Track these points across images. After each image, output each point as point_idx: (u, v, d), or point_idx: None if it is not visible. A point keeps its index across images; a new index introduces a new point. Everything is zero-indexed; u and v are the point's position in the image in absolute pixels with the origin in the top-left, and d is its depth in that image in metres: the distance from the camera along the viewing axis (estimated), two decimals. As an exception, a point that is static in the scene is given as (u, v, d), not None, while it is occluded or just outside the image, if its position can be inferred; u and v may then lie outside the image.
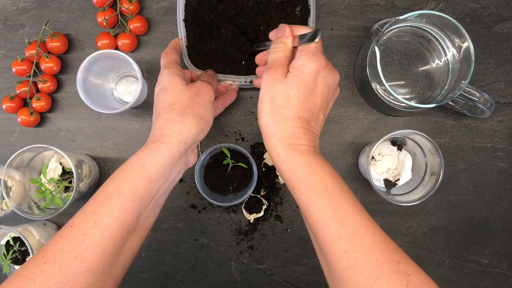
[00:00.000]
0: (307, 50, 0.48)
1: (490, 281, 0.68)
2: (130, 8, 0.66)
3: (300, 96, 0.46)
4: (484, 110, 0.60)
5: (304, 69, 0.47)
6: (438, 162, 0.59)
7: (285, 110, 0.46)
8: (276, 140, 0.46)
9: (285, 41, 0.50)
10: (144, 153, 0.48)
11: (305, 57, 0.47)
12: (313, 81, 0.47)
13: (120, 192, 0.45)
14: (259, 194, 0.67)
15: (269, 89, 0.47)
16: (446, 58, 0.63)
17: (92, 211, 0.44)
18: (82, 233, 0.42)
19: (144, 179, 0.46)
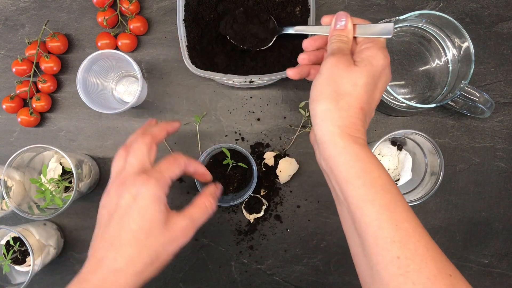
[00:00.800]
0: (376, 43, 0.47)
1: (490, 281, 0.68)
2: (130, 8, 0.66)
3: (367, 86, 0.44)
4: (484, 110, 0.60)
5: (373, 60, 0.45)
6: (438, 162, 0.59)
7: (349, 97, 0.43)
8: (335, 127, 0.43)
9: (347, 34, 0.48)
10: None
11: (374, 49, 0.45)
12: (379, 75, 0.45)
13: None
14: (259, 194, 0.67)
15: (333, 73, 0.44)
16: (446, 58, 0.63)
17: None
18: None
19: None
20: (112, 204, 0.45)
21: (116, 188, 0.46)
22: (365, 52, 0.46)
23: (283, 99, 0.68)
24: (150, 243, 0.44)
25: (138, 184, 0.44)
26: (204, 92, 0.68)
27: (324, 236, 0.68)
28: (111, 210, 0.45)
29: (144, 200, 0.44)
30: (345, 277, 0.68)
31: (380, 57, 0.45)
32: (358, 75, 0.44)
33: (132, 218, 0.43)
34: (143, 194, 0.44)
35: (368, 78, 0.44)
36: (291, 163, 0.66)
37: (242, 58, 0.62)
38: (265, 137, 0.68)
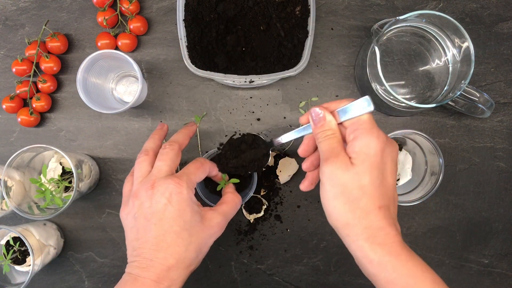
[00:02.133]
0: (362, 127, 0.43)
1: (490, 281, 0.68)
2: (130, 8, 0.66)
3: (375, 182, 0.41)
4: (484, 110, 0.60)
5: (368, 150, 0.41)
6: (438, 162, 0.59)
7: (362, 202, 0.41)
8: (363, 241, 0.40)
9: (331, 127, 0.45)
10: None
11: (363, 136, 0.42)
12: (381, 161, 0.42)
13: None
14: (259, 194, 0.67)
15: (336, 183, 0.42)
16: (446, 58, 0.63)
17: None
18: None
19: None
20: (145, 208, 0.47)
21: (145, 191, 0.47)
22: (357, 144, 0.42)
23: (283, 99, 0.68)
24: (193, 240, 0.47)
25: (171, 187, 0.47)
26: (204, 92, 0.68)
27: (324, 236, 0.68)
28: (147, 215, 0.47)
29: (180, 203, 0.47)
30: (345, 277, 0.68)
31: (374, 142, 0.42)
32: (361, 176, 0.41)
33: (173, 220, 0.46)
34: (177, 197, 0.47)
35: (372, 173, 0.41)
36: (291, 163, 0.66)
37: (242, 58, 0.62)
38: (265, 137, 0.68)
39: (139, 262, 0.46)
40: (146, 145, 0.53)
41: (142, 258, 0.46)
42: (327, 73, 0.68)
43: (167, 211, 0.46)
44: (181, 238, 0.46)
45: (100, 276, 0.68)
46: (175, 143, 0.52)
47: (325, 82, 0.68)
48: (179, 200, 0.47)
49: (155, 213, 0.46)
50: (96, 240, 0.68)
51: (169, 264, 0.45)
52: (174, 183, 0.47)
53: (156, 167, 0.49)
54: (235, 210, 0.53)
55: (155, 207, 0.46)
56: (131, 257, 0.47)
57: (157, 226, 0.46)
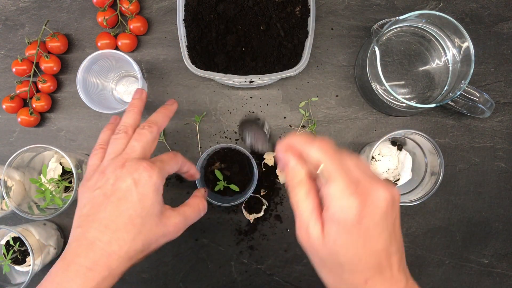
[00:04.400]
0: (332, 191, 0.35)
1: (490, 281, 0.68)
2: (130, 8, 0.66)
3: (354, 258, 0.35)
4: (484, 110, 0.60)
5: (341, 223, 0.34)
6: (438, 162, 0.59)
7: (346, 277, 0.36)
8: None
9: (295, 175, 0.38)
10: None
11: (334, 205, 0.35)
12: (358, 232, 0.34)
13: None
14: (259, 194, 0.67)
15: (314, 255, 0.38)
16: (446, 58, 0.63)
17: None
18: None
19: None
20: (108, 185, 0.43)
21: (114, 169, 0.44)
22: (327, 214, 0.35)
23: (283, 99, 0.68)
24: (145, 231, 0.43)
25: (141, 170, 0.44)
26: (204, 92, 0.68)
27: (324, 236, 0.67)
28: (107, 192, 0.43)
29: (145, 187, 0.43)
30: (345, 277, 0.67)
31: (344, 212, 0.34)
32: (337, 254, 0.35)
33: (132, 203, 0.43)
34: (145, 181, 0.43)
35: (348, 249, 0.35)
36: (291, 163, 0.66)
37: (242, 58, 0.62)
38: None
39: (79, 243, 0.42)
40: (125, 121, 0.49)
41: (84, 238, 0.42)
42: (327, 73, 0.68)
43: (129, 192, 0.43)
44: (132, 225, 0.42)
45: (100, 276, 0.68)
46: (154, 125, 0.49)
47: (325, 82, 0.68)
48: (146, 184, 0.43)
49: (116, 191, 0.43)
50: (96, 240, 0.68)
51: (110, 250, 0.41)
52: (146, 165, 0.44)
53: (130, 147, 0.46)
54: (197, 216, 0.50)
55: (118, 185, 0.43)
56: (73, 236, 0.43)
57: (113, 205, 0.42)
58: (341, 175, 0.35)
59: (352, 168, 0.36)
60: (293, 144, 0.39)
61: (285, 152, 0.38)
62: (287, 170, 0.38)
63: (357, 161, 0.37)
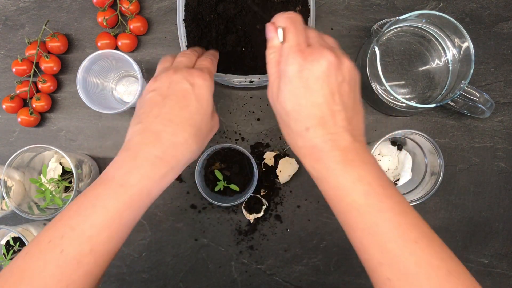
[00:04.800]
0: (282, 53, 0.43)
1: (490, 281, 0.68)
2: (130, 8, 0.66)
3: (295, 107, 0.41)
4: (484, 110, 0.60)
5: (285, 79, 0.41)
6: (438, 162, 0.59)
7: (292, 125, 0.42)
8: (303, 159, 0.42)
9: (273, 45, 0.44)
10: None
11: (281, 65, 0.42)
12: (300, 85, 0.40)
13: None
14: (259, 194, 0.67)
15: (277, 115, 0.44)
16: (446, 58, 0.63)
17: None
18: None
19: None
20: (163, 87, 0.46)
21: (167, 75, 0.46)
22: (279, 73, 0.42)
23: (283, 99, 0.68)
24: (203, 127, 0.46)
25: (195, 75, 0.46)
26: (204, 92, 0.68)
27: (324, 236, 0.68)
28: (164, 93, 0.45)
29: (201, 89, 0.46)
30: (345, 277, 0.68)
31: (286, 70, 0.41)
32: (283, 104, 0.42)
33: (191, 101, 0.45)
34: (201, 84, 0.46)
35: (291, 100, 0.41)
36: (291, 163, 0.66)
37: (242, 58, 0.62)
38: (265, 137, 0.68)
39: (144, 136, 0.43)
40: (191, 49, 0.53)
41: (148, 131, 0.43)
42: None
43: (187, 92, 0.45)
44: (193, 120, 0.45)
45: (100, 276, 0.68)
46: (195, 51, 0.53)
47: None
48: (201, 86, 0.46)
49: (173, 92, 0.45)
50: (96, 240, 0.68)
51: (177, 141, 0.43)
52: (198, 72, 0.47)
53: (177, 61, 0.50)
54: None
55: (174, 87, 0.45)
56: (134, 132, 0.44)
57: (173, 103, 0.44)
58: (293, 36, 0.42)
59: (310, 36, 0.43)
60: (276, 19, 0.45)
61: (270, 25, 0.44)
62: (267, 40, 0.44)
63: (321, 34, 0.44)
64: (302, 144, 0.42)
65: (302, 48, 0.41)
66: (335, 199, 0.41)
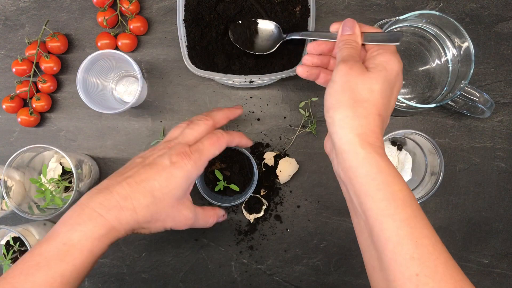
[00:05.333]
0: (387, 49, 0.46)
1: (490, 281, 0.68)
2: (130, 8, 0.66)
3: (383, 92, 0.43)
4: (484, 110, 0.60)
5: (387, 65, 0.44)
6: (438, 162, 0.59)
7: (366, 104, 0.42)
8: (355, 135, 0.41)
9: (356, 39, 0.47)
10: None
11: (387, 54, 0.45)
12: (394, 80, 0.45)
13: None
14: (259, 194, 0.67)
15: (348, 80, 0.43)
16: (446, 58, 0.63)
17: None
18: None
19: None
20: (153, 157, 0.48)
21: (160, 148, 0.49)
22: (378, 58, 0.45)
23: (283, 99, 0.68)
24: (159, 205, 0.46)
25: (182, 156, 0.48)
26: (204, 92, 0.68)
27: (324, 236, 0.68)
28: (145, 161, 0.48)
29: (177, 171, 0.47)
30: (345, 277, 0.68)
31: (394, 62, 0.45)
32: (373, 81, 0.43)
33: (159, 177, 0.46)
34: (179, 165, 0.47)
35: (384, 84, 0.43)
36: (291, 163, 0.66)
37: (242, 58, 0.62)
38: (265, 137, 0.68)
39: (100, 192, 0.45)
40: (193, 118, 0.54)
41: (106, 189, 0.45)
42: (327, 73, 0.68)
43: (163, 168, 0.47)
44: (151, 194, 0.45)
45: (100, 276, 0.68)
46: (211, 119, 0.53)
47: (325, 82, 0.68)
48: (179, 168, 0.47)
49: (152, 163, 0.47)
50: (96, 240, 0.68)
51: (124, 205, 0.44)
52: (185, 153, 0.48)
53: (183, 133, 0.51)
54: (203, 224, 0.54)
55: (157, 160, 0.48)
56: (97, 186, 0.46)
57: (143, 170, 0.46)
58: (395, 49, 0.48)
59: None
60: (360, 24, 0.48)
61: (354, 22, 0.48)
62: (352, 32, 0.47)
63: None
64: (364, 123, 0.43)
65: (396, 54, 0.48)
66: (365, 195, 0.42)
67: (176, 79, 0.68)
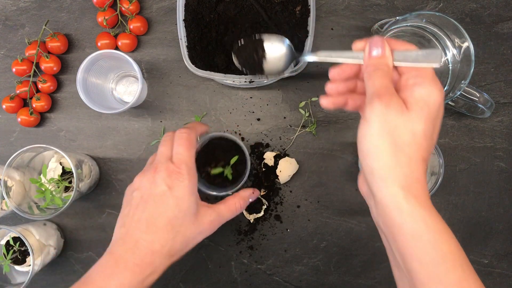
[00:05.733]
0: (425, 74, 0.40)
1: (490, 281, 0.68)
2: (130, 8, 0.66)
3: (426, 132, 0.38)
4: (484, 110, 0.60)
5: (429, 100, 0.39)
6: (438, 162, 0.59)
7: (409, 149, 0.38)
8: (399, 188, 0.37)
9: (387, 62, 0.41)
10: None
11: (427, 85, 0.39)
12: (437, 115, 0.39)
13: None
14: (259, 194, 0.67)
15: (387, 122, 0.38)
16: (446, 58, 0.63)
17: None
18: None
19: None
20: (145, 188, 0.48)
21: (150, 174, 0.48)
22: (417, 90, 0.39)
23: (283, 99, 0.68)
24: (183, 231, 0.47)
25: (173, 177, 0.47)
26: (204, 92, 0.68)
27: (324, 236, 0.68)
28: (145, 195, 0.47)
29: (179, 191, 0.47)
30: (345, 277, 0.68)
31: (435, 94, 0.39)
32: (416, 122, 0.38)
33: (169, 206, 0.46)
34: (178, 185, 0.47)
35: (426, 123, 0.38)
36: (291, 163, 0.66)
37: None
38: (265, 137, 0.68)
39: (125, 241, 0.46)
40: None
41: (129, 237, 0.46)
42: (327, 73, 0.67)
43: (165, 196, 0.47)
44: (171, 226, 0.46)
45: (100, 276, 0.68)
46: (192, 128, 0.54)
47: (325, 82, 0.67)
48: (179, 188, 0.47)
49: (152, 195, 0.47)
50: (96, 240, 0.68)
51: (154, 248, 0.45)
52: (178, 172, 0.48)
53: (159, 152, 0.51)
54: (231, 214, 0.53)
55: (153, 190, 0.47)
56: (118, 234, 0.47)
57: (152, 208, 0.47)
58: (435, 74, 0.41)
59: None
60: (388, 41, 0.42)
61: (383, 41, 0.42)
62: (382, 55, 0.41)
63: None
64: (407, 172, 0.40)
65: (436, 83, 0.42)
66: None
67: (176, 79, 0.68)
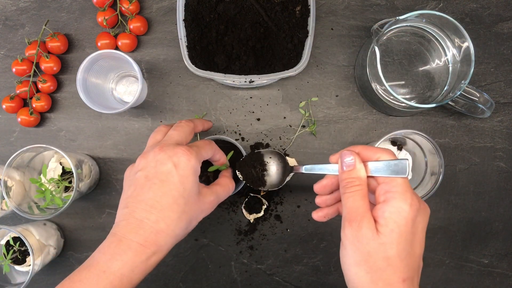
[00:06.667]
0: (394, 189, 0.40)
1: (490, 281, 0.68)
2: (130, 8, 0.66)
3: (401, 254, 0.38)
4: (484, 110, 0.60)
5: (399, 219, 0.39)
6: (438, 162, 0.59)
7: (386, 274, 0.38)
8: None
9: (359, 175, 0.42)
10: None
11: (395, 202, 0.40)
12: (411, 231, 0.39)
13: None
14: (259, 194, 0.67)
15: (360, 249, 0.39)
16: (446, 58, 0.63)
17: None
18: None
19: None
20: (149, 168, 0.47)
21: (155, 153, 0.47)
22: (386, 209, 0.40)
23: (283, 99, 0.68)
24: (187, 210, 0.47)
25: (180, 154, 0.47)
26: (204, 92, 0.68)
27: (324, 236, 0.68)
28: (149, 174, 0.47)
29: (185, 170, 0.47)
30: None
31: (405, 210, 0.39)
32: (387, 247, 0.39)
33: (174, 185, 0.46)
34: (185, 164, 0.47)
35: (399, 245, 0.39)
36: (291, 163, 0.66)
37: (242, 58, 0.62)
38: (265, 137, 0.68)
39: (128, 222, 0.45)
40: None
41: (133, 217, 0.45)
42: (327, 73, 0.68)
43: (171, 174, 0.46)
44: (176, 204, 0.46)
45: (100, 276, 0.68)
46: (191, 122, 0.54)
47: (325, 82, 0.68)
48: (185, 166, 0.47)
49: (158, 174, 0.46)
50: (96, 240, 0.67)
51: (159, 228, 0.45)
52: (184, 150, 0.47)
53: (168, 135, 0.51)
54: (227, 194, 0.54)
55: (159, 168, 0.46)
56: (121, 216, 0.46)
57: (157, 187, 0.46)
58: (406, 185, 0.41)
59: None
60: (361, 150, 0.44)
61: (352, 154, 0.43)
62: (352, 170, 0.43)
63: None
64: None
65: (412, 198, 0.41)
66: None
67: (176, 79, 0.68)
